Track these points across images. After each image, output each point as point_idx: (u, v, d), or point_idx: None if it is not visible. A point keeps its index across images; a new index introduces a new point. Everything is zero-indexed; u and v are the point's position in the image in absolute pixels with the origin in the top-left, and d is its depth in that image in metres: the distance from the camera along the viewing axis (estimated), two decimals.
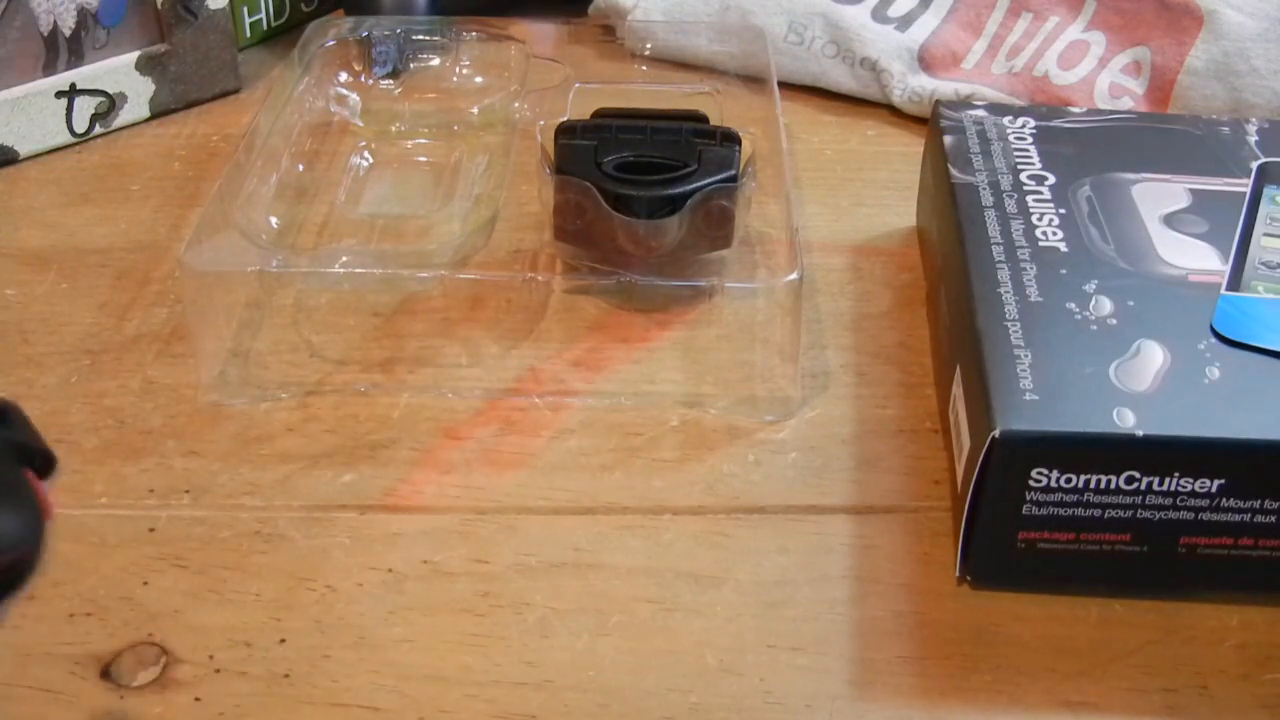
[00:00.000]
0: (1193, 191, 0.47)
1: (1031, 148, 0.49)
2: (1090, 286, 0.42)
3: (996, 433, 0.36)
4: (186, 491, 0.42)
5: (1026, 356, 0.39)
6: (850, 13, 0.64)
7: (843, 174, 0.59)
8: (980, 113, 0.51)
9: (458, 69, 0.62)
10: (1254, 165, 0.48)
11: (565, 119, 0.51)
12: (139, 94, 0.61)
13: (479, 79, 0.61)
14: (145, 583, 0.39)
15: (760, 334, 0.48)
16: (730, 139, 0.50)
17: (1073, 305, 0.41)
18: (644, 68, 0.65)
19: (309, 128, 0.56)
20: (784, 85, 0.59)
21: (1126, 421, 0.36)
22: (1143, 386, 0.38)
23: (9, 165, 0.58)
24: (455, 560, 0.40)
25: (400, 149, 0.58)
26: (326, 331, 0.48)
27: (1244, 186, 0.47)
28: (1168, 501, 0.37)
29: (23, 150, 0.58)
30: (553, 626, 0.38)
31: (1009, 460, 0.37)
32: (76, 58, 0.59)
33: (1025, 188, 0.47)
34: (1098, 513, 0.37)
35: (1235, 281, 0.42)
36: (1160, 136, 0.50)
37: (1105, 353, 0.39)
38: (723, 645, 0.37)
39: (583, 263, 0.49)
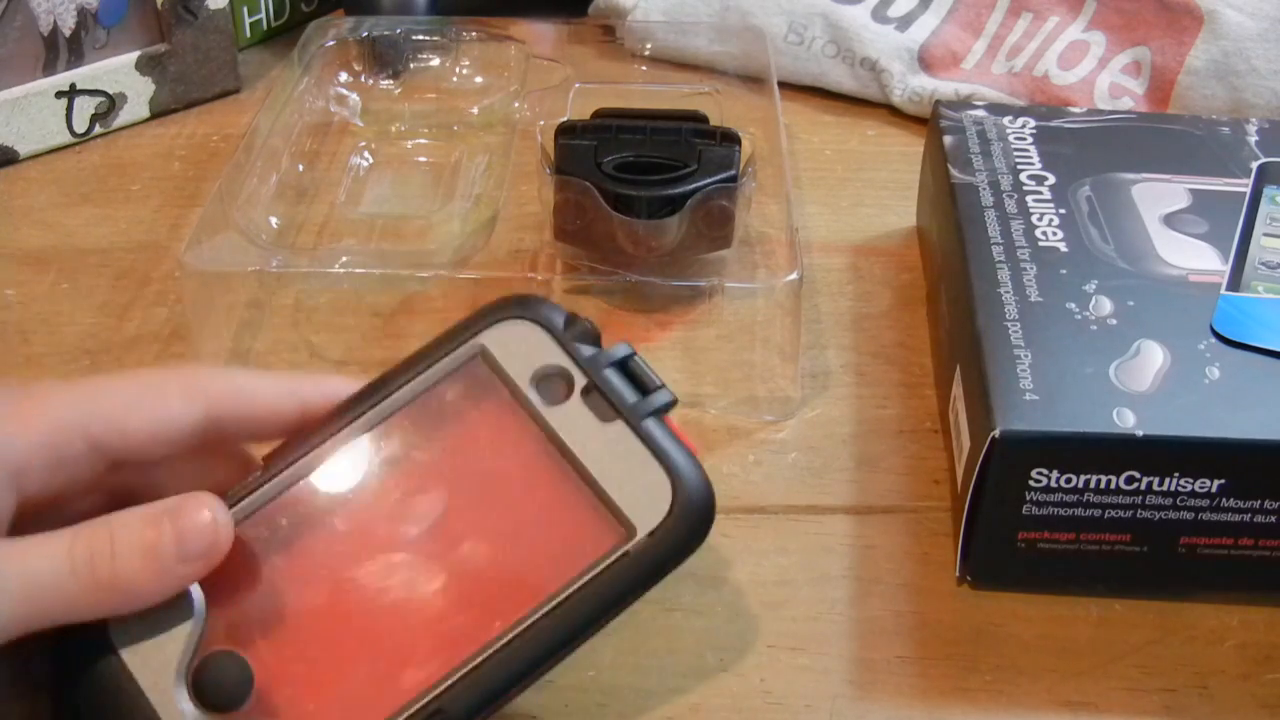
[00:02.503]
0: (1193, 191, 0.47)
1: (1031, 148, 0.49)
2: (1090, 287, 0.42)
3: (996, 433, 0.36)
4: None
5: (1026, 356, 0.39)
6: (850, 13, 0.64)
7: (843, 174, 0.59)
8: (980, 113, 0.51)
9: (458, 69, 0.62)
10: (1254, 165, 0.48)
11: (565, 119, 0.51)
12: (139, 94, 0.61)
13: (479, 79, 0.61)
14: None
15: (760, 334, 0.48)
16: (730, 139, 0.49)
17: (1073, 305, 0.41)
18: (644, 68, 0.65)
19: (309, 128, 0.56)
20: (784, 85, 0.59)
21: (1126, 421, 0.36)
22: (1143, 386, 0.38)
23: (9, 165, 0.58)
24: None
25: (400, 149, 0.58)
26: (326, 331, 0.48)
27: (1244, 186, 0.47)
28: (1168, 501, 0.37)
29: (23, 150, 0.58)
30: None
31: (1009, 460, 0.37)
32: (76, 58, 0.59)
33: (1025, 188, 0.47)
34: (1098, 513, 0.37)
35: (1235, 281, 0.42)
36: (1160, 136, 0.50)
37: (1105, 353, 0.39)
38: (723, 645, 0.37)
39: (583, 263, 0.49)
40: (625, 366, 0.33)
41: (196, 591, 0.31)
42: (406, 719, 0.29)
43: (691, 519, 0.31)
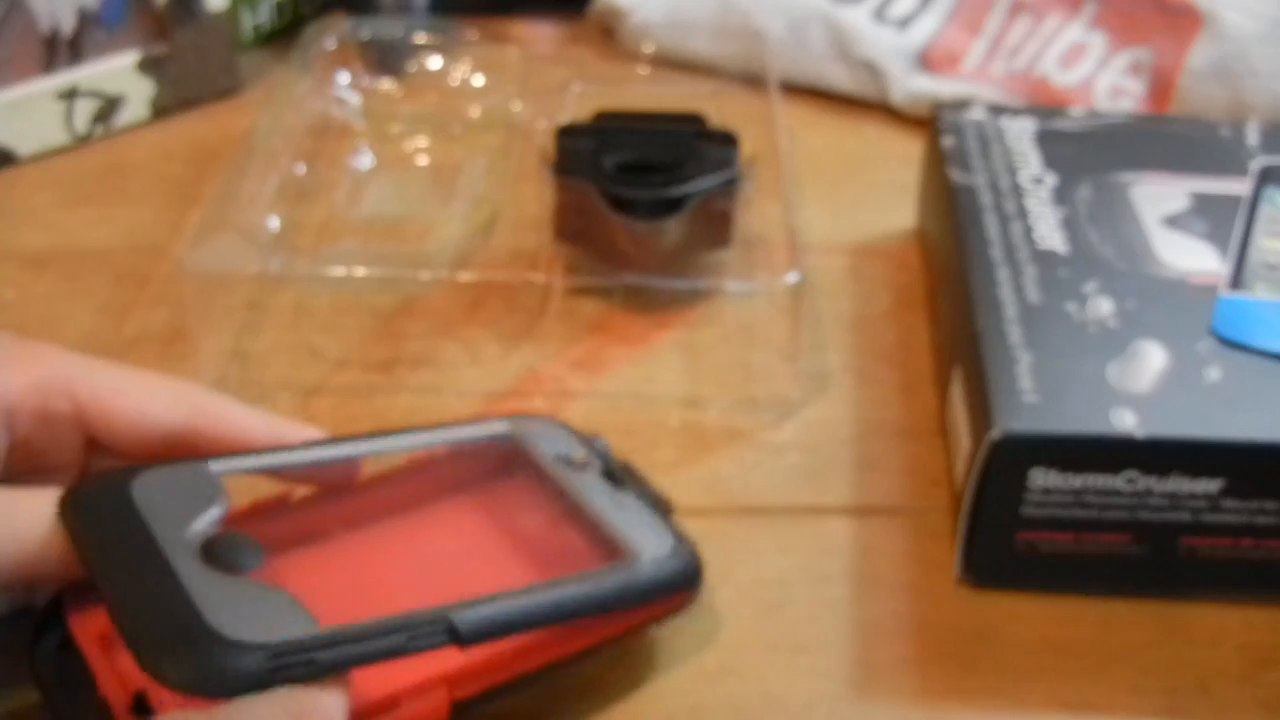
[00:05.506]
0: (1193, 192, 0.47)
1: (1031, 149, 0.49)
2: (1090, 288, 0.42)
3: (996, 434, 0.36)
4: None
5: (1026, 358, 0.39)
6: (850, 14, 0.64)
7: (843, 174, 0.59)
8: (980, 114, 0.51)
9: (458, 70, 0.62)
10: (1254, 166, 0.48)
11: (566, 120, 0.52)
12: (139, 94, 0.61)
13: (479, 80, 0.61)
14: None
15: (760, 335, 0.48)
16: (730, 140, 0.50)
17: (1072, 307, 0.41)
18: (644, 68, 0.65)
19: (309, 128, 0.56)
20: (784, 85, 0.59)
21: (1126, 422, 0.36)
22: (1142, 387, 0.38)
23: (9, 166, 0.58)
24: None
25: (400, 150, 0.58)
26: (326, 332, 0.48)
27: (1244, 187, 0.47)
28: (1167, 502, 0.37)
29: (23, 151, 0.58)
30: None
31: (1008, 461, 0.37)
32: (76, 58, 0.59)
33: (1024, 189, 0.47)
34: (1097, 513, 0.37)
35: (1235, 283, 0.42)
36: (1160, 137, 0.50)
37: (1104, 354, 0.39)
38: (723, 645, 0.37)
39: (583, 263, 0.49)
40: (630, 470, 0.39)
41: (222, 493, 0.32)
42: (414, 617, 0.30)
43: (688, 565, 0.35)
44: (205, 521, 0.31)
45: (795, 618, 0.38)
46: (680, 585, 0.35)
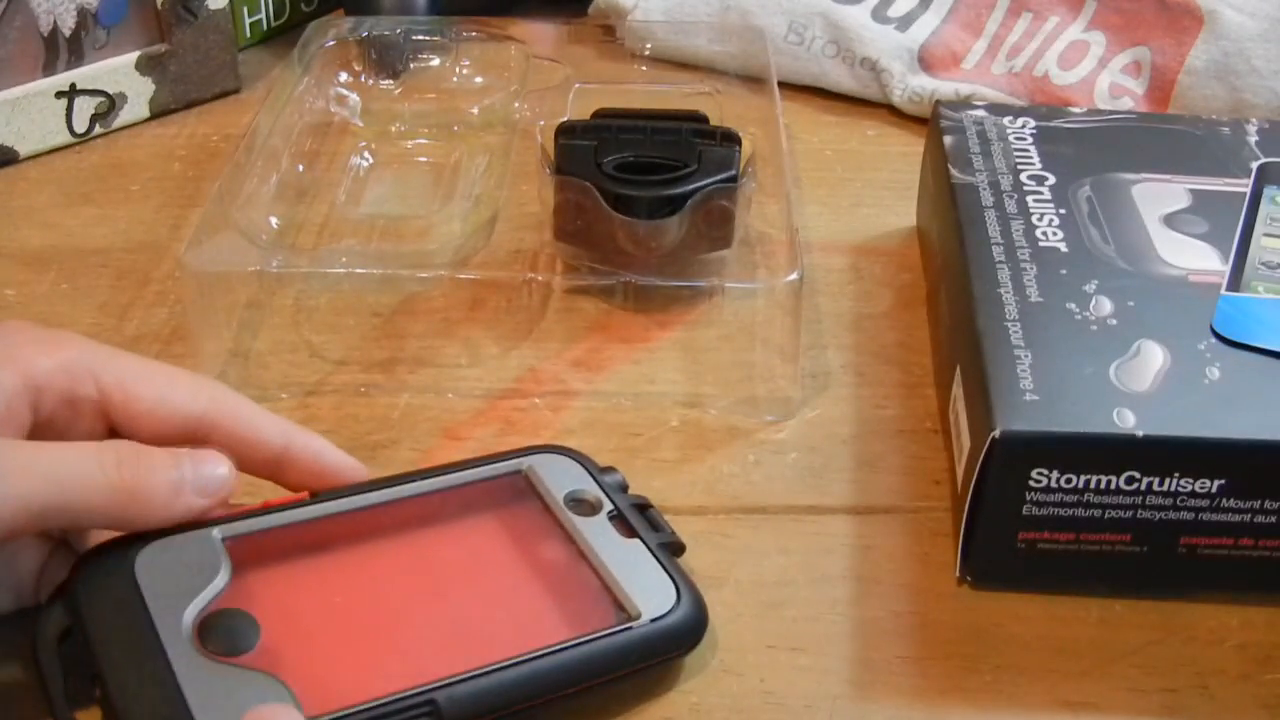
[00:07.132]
0: (1193, 191, 0.47)
1: (1031, 148, 0.49)
2: (1090, 287, 0.42)
3: (997, 433, 0.36)
4: None
5: (1027, 357, 0.39)
6: (850, 13, 0.64)
7: (843, 174, 0.59)
8: (980, 113, 0.51)
9: (458, 69, 0.62)
10: (1254, 165, 0.48)
11: (565, 119, 0.52)
12: (139, 94, 0.61)
13: (479, 79, 0.61)
14: None
15: (760, 334, 0.48)
16: (730, 139, 0.50)
17: (1073, 305, 0.41)
18: (644, 68, 0.65)
19: (309, 128, 0.56)
20: (784, 85, 0.59)
21: (1126, 422, 0.36)
22: (1143, 387, 0.38)
23: (9, 165, 0.58)
24: None
25: (400, 149, 0.58)
26: (326, 332, 0.48)
27: (1244, 186, 0.47)
28: (1168, 502, 0.37)
29: (23, 150, 0.58)
30: None
31: (1009, 460, 0.37)
32: (76, 58, 0.59)
33: (1025, 188, 0.47)
34: (1098, 513, 0.37)
35: (1235, 282, 0.42)
36: (1160, 136, 0.50)
37: (1105, 353, 0.39)
38: (723, 645, 0.37)
39: (583, 263, 0.49)
40: (645, 511, 0.38)
41: (225, 562, 0.33)
42: (398, 700, 0.31)
43: (689, 621, 0.35)
44: (206, 596, 0.32)
45: (795, 618, 0.38)
46: (680, 643, 0.35)
